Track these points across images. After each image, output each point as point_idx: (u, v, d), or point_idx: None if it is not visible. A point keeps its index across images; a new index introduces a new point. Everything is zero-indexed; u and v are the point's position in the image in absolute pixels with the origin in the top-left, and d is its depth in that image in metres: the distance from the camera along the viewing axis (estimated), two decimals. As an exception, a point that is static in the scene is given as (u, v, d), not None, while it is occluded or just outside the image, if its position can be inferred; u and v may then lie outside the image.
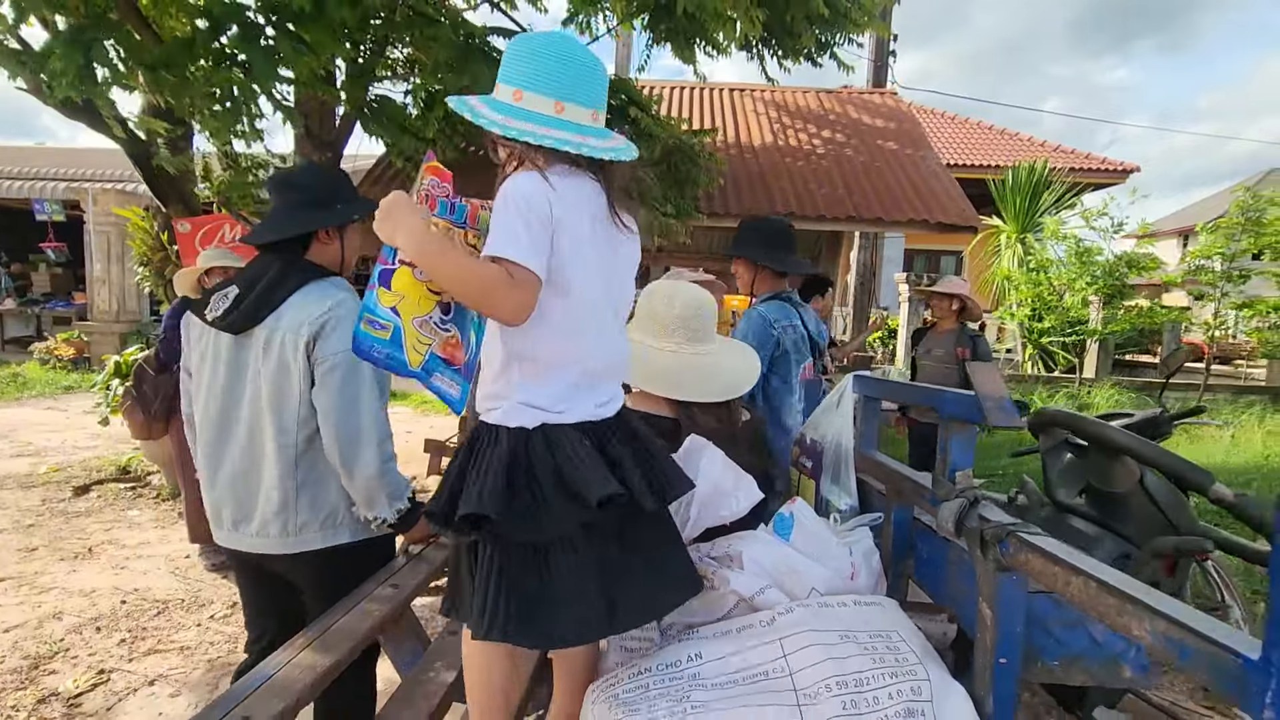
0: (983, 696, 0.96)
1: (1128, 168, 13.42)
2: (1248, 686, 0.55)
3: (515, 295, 0.98)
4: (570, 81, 1.05)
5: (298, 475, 1.58)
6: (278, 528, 1.59)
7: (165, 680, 2.75)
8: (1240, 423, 7.86)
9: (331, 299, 1.57)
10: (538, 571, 1.01)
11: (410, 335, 1.09)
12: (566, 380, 1.07)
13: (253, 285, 1.57)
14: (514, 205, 1.00)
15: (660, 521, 1.13)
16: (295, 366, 1.54)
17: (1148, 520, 1.57)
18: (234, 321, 1.55)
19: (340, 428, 1.55)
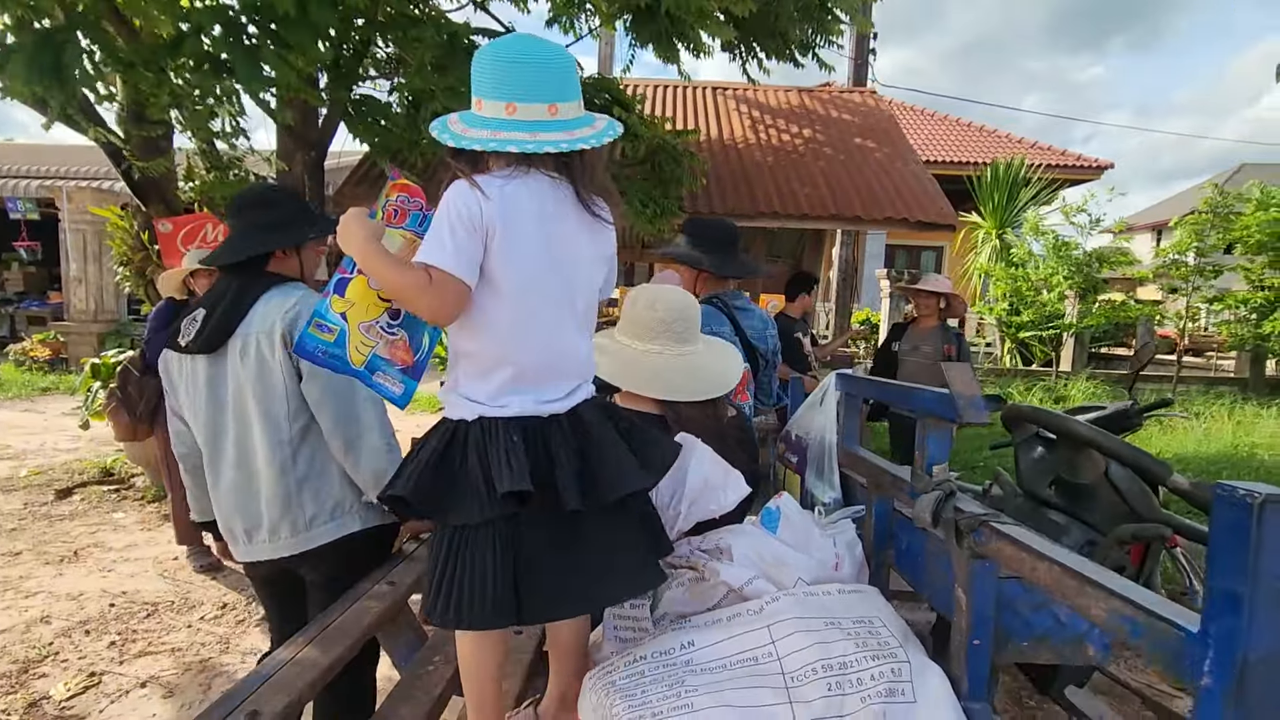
0: (959, 675, 1.02)
1: (1103, 164, 13.69)
2: (1188, 657, 0.61)
3: (433, 298, 1.04)
4: (519, 81, 1.07)
5: (297, 470, 1.61)
6: (287, 528, 1.62)
7: (157, 682, 2.76)
8: (1211, 414, 8.07)
9: (295, 295, 1.63)
10: (466, 555, 1.07)
11: (355, 337, 1.18)
12: (505, 377, 1.10)
13: (218, 302, 1.62)
14: (444, 212, 1.06)
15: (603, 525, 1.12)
16: (275, 363, 1.58)
17: (1112, 509, 1.66)
18: (207, 339, 1.60)
19: (338, 413, 1.60)
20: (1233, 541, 0.57)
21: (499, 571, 1.05)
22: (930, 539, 1.26)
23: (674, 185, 4.63)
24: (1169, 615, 0.65)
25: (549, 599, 1.10)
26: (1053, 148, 14.15)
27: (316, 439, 1.64)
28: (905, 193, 5.87)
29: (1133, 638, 0.68)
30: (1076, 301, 10.11)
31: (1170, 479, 1.36)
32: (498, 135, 1.06)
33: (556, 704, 1.29)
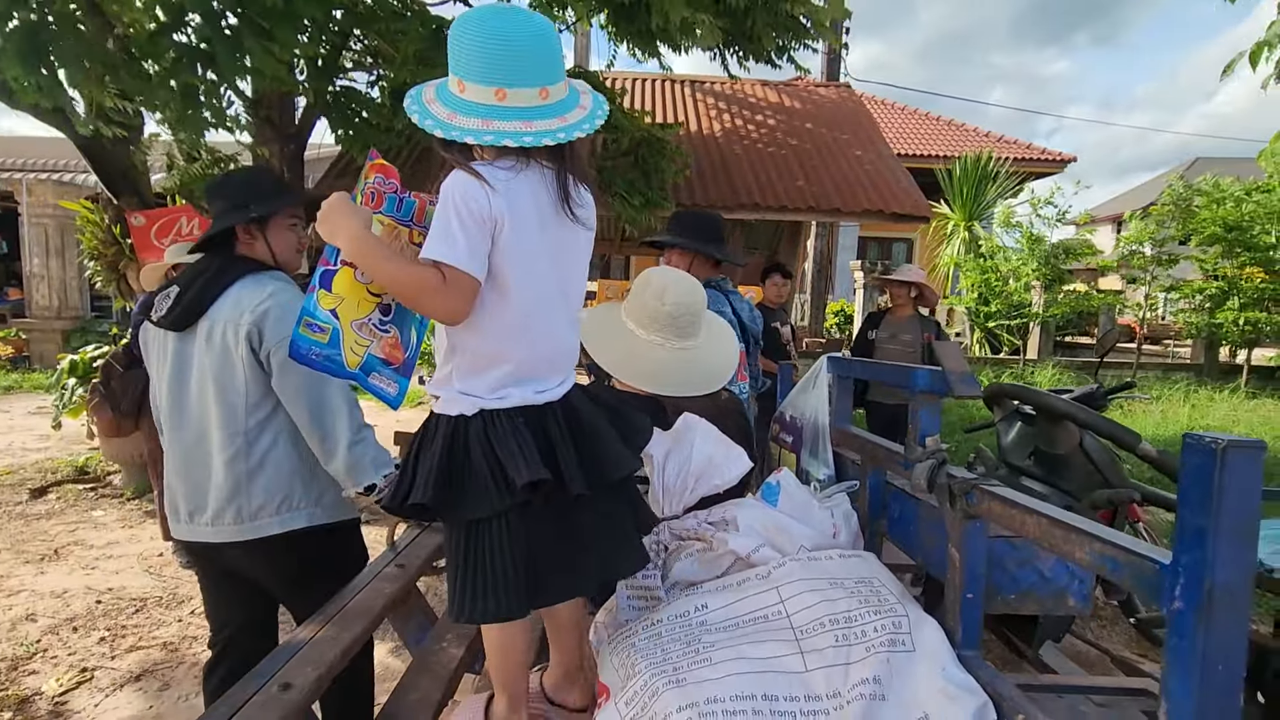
0: (953, 627, 1.12)
1: (1066, 158, 14.09)
2: (1161, 585, 0.70)
3: (448, 299, 1.00)
4: (509, 65, 1.00)
5: (249, 461, 1.62)
6: (232, 514, 1.62)
7: (152, 675, 2.76)
8: (1168, 397, 8.42)
9: (268, 288, 1.62)
10: (481, 550, 1.05)
11: (349, 337, 1.10)
12: (504, 372, 1.08)
13: (192, 283, 1.64)
14: (451, 206, 0.99)
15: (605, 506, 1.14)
16: (237, 355, 1.59)
17: (1087, 477, 1.79)
18: (177, 319, 1.61)
19: (313, 406, 1.60)
20: (1199, 483, 0.66)
21: (515, 561, 1.05)
22: (922, 506, 1.35)
23: (657, 176, 4.70)
24: (1144, 552, 0.74)
25: (563, 582, 1.12)
26: (1018, 141, 14.51)
27: (274, 433, 1.64)
28: (880, 185, 6.02)
29: (1112, 571, 0.77)
30: (1042, 292, 10.44)
31: (1140, 447, 1.48)
32: (490, 125, 0.99)
33: (560, 678, 1.34)
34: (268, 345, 1.59)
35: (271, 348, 1.59)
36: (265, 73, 3.35)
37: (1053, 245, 10.37)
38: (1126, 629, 3.24)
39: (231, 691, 1.23)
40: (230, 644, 1.79)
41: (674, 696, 1.03)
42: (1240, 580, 0.64)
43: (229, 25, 3.26)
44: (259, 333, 1.58)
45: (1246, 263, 9.62)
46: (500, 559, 1.05)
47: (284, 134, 4.56)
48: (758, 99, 7.84)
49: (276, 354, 1.59)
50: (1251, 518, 0.64)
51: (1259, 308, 9.41)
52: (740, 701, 1.01)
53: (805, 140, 6.86)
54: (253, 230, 1.70)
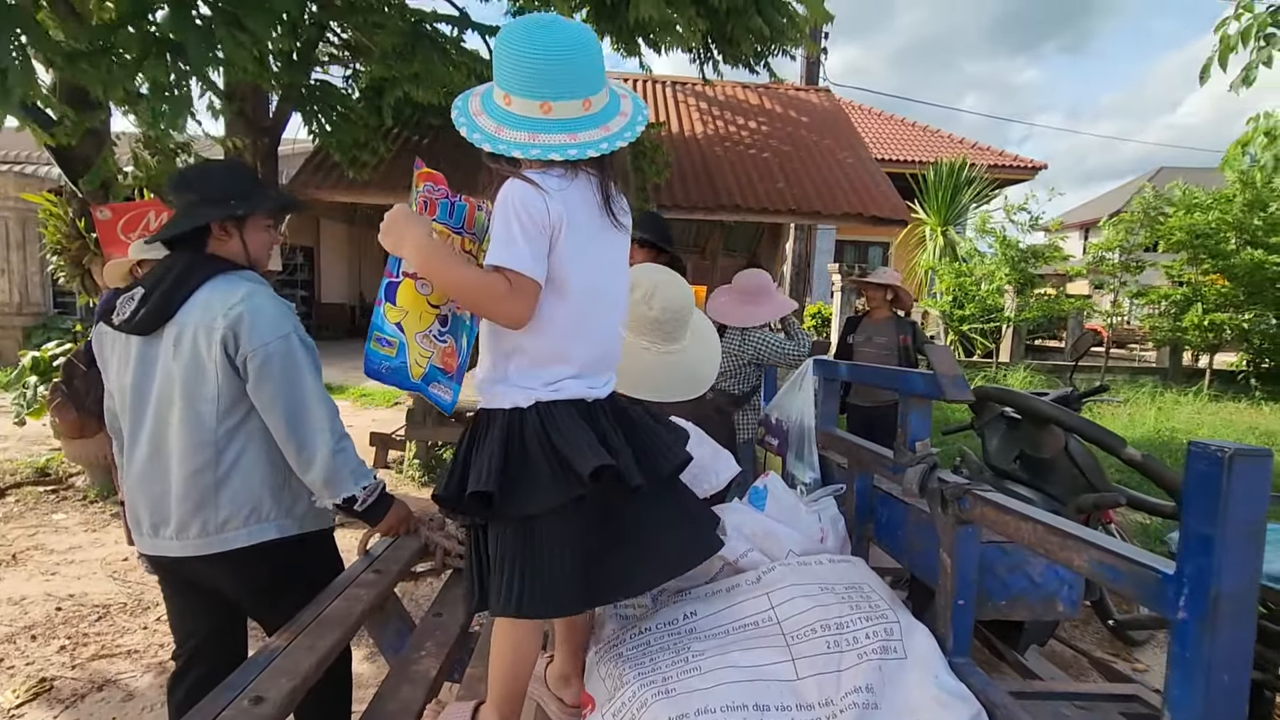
0: (944, 633, 1.11)
1: (1037, 165, 14.36)
2: (1165, 595, 0.69)
3: (515, 304, 1.03)
4: (552, 77, 1.03)
5: (218, 471, 1.55)
6: (197, 527, 1.55)
7: (115, 685, 2.67)
8: (1135, 401, 8.62)
9: (241, 289, 1.55)
10: (538, 546, 1.05)
11: (414, 350, 1.14)
12: (563, 373, 1.11)
13: (158, 284, 1.55)
14: (512, 212, 1.02)
15: (657, 501, 1.14)
16: (210, 361, 1.52)
17: (1072, 481, 1.80)
18: (141, 322, 1.53)
19: (290, 415, 1.54)
20: (1205, 490, 0.65)
21: (574, 558, 1.05)
22: (911, 510, 1.34)
23: (638, 177, 4.69)
24: (1146, 561, 0.73)
25: (622, 577, 1.10)
26: (991, 148, 14.77)
27: (244, 441, 1.58)
28: (860, 188, 6.06)
29: (1111, 580, 0.76)
30: (1015, 296, 10.63)
31: (1124, 451, 1.50)
32: (537, 139, 1.03)
33: (558, 675, 1.32)
34: (244, 350, 1.51)
35: (248, 353, 1.51)
36: (237, 65, 3.26)
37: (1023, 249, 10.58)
38: (1100, 628, 3.29)
39: (201, 705, 1.18)
40: (196, 655, 1.71)
41: (663, 708, 1.00)
42: (1246, 589, 0.64)
43: (200, 15, 3.17)
44: (234, 337, 1.51)
45: (1210, 270, 9.90)
46: (559, 555, 1.05)
47: (258, 127, 4.44)
48: (739, 101, 7.86)
49: (253, 360, 1.51)
50: (1259, 527, 0.63)
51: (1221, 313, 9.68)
52: (731, 712, 0.99)
53: (785, 143, 6.88)
54: (229, 227, 1.61)
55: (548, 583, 1.04)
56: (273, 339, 1.52)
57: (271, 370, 1.52)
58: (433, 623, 1.79)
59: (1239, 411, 8.49)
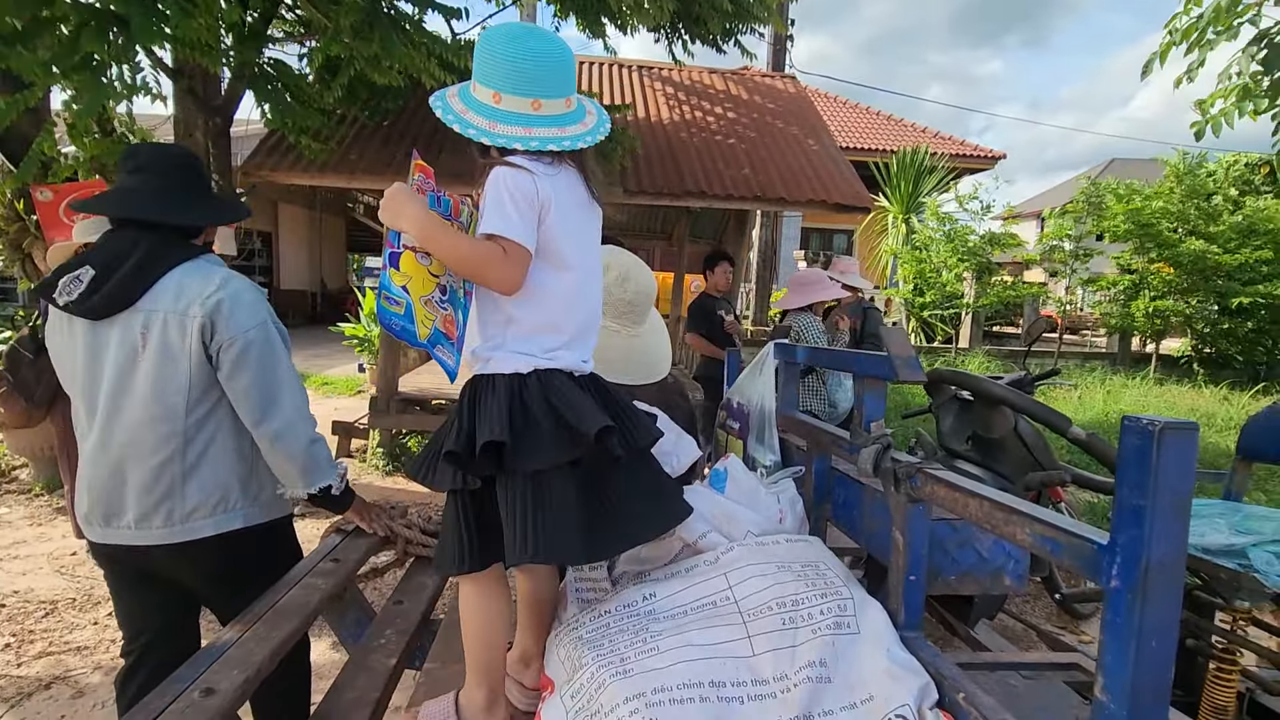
0: (895, 609, 1.13)
1: (996, 155, 14.68)
2: (1099, 565, 0.72)
3: (508, 269, 1.11)
4: (542, 78, 1.15)
5: (185, 461, 1.51)
6: (161, 518, 1.51)
7: (64, 683, 2.59)
8: (1085, 384, 8.93)
9: (217, 276, 1.51)
10: (550, 497, 1.12)
11: (419, 311, 1.20)
12: (558, 341, 1.19)
13: (115, 265, 1.46)
14: (504, 188, 1.11)
15: (634, 470, 1.21)
16: (184, 350, 1.47)
17: (1020, 460, 1.86)
18: (95, 305, 1.45)
19: (266, 405, 1.51)
20: (1137, 463, 0.68)
21: (577, 510, 1.12)
22: (866, 491, 1.37)
23: (604, 161, 4.65)
24: (1082, 532, 0.76)
25: (614, 534, 1.17)
26: (953, 137, 15.03)
27: (213, 430, 1.54)
28: (824, 175, 6.11)
29: (1053, 553, 0.79)
30: (973, 282, 10.89)
31: (1070, 430, 1.55)
32: (533, 133, 1.13)
33: (519, 661, 1.32)
34: (220, 339, 1.48)
35: (224, 342, 1.48)
36: (185, 40, 3.13)
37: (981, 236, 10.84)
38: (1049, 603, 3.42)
39: (149, 698, 1.15)
40: (148, 650, 1.66)
41: (620, 688, 1.01)
42: (1175, 558, 0.66)
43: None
44: (211, 325, 1.47)
45: (1156, 258, 10.27)
46: (568, 506, 1.12)
47: (209, 106, 4.27)
48: (705, 86, 7.83)
49: (230, 349, 1.48)
50: (1186, 498, 0.66)
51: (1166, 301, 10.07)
52: (687, 689, 1.00)
53: (751, 129, 6.89)
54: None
55: (561, 530, 1.11)
56: (251, 327, 1.50)
57: (249, 359, 1.49)
58: (393, 611, 1.77)
59: (1182, 394, 8.86)
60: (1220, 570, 1.52)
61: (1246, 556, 1.51)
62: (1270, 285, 9.65)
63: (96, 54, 3.05)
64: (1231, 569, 1.50)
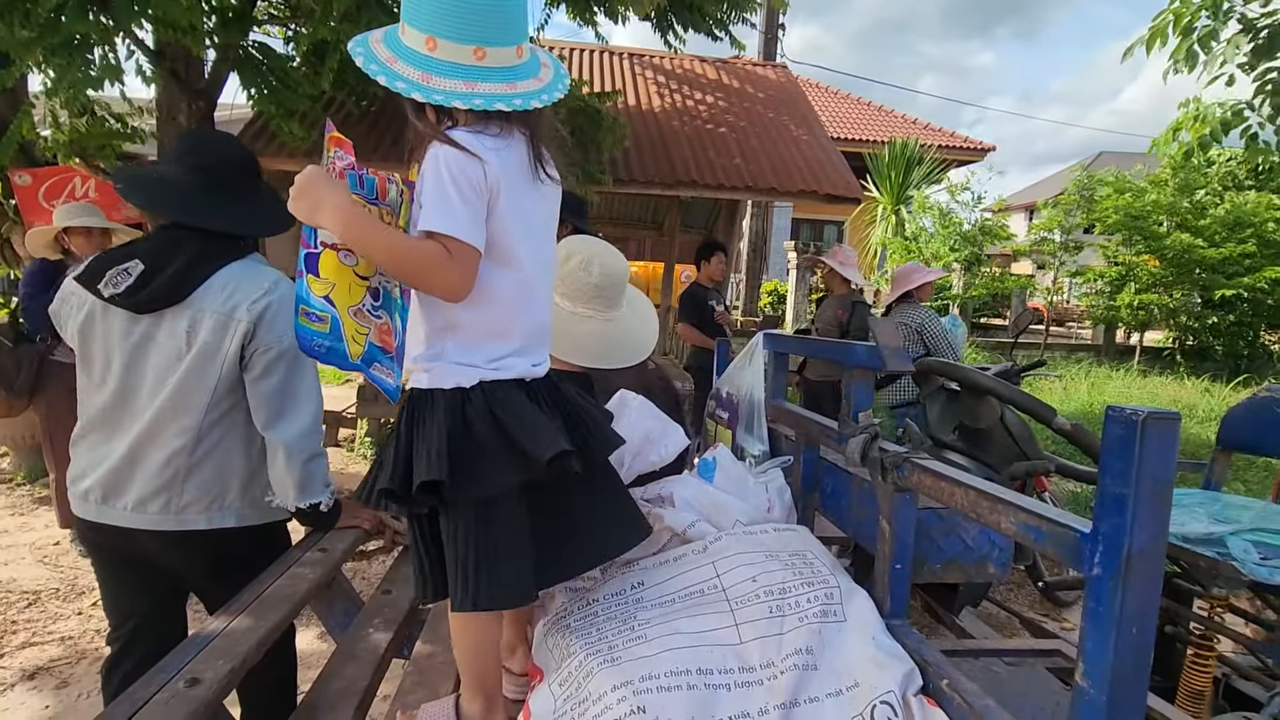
0: (881, 597, 1.15)
1: (986, 147, 14.71)
2: (1081, 552, 0.73)
3: (454, 272, 0.94)
4: (488, 19, 0.94)
5: (192, 457, 1.51)
6: (158, 505, 1.51)
7: (48, 673, 2.57)
8: (1070, 375, 9.02)
9: (266, 279, 1.52)
10: (495, 534, 1.01)
11: (348, 325, 1.02)
12: (507, 348, 1.05)
13: (166, 261, 1.47)
14: (446, 173, 0.93)
15: (591, 483, 1.12)
16: (223, 352, 1.48)
17: (1006, 450, 1.88)
18: (143, 300, 1.45)
19: (285, 411, 1.53)
20: (1120, 452, 0.68)
21: (526, 540, 1.02)
22: (854, 480, 1.38)
23: (595, 150, 4.61)
24: (1065, 521, 0.77)
25: (568, 558, 1.09)
26: (943, 129, 15.04)
27: (224, 431, 1.55)
28: (815, 166, 6.10)
29: (1036, 541, 0.80)
30: (963, 273, 10.95)
31: (1055, 421, 1.57)
32: (478, 88, 0.94)
33: (505, 647, 1.31)
34: (259, 344, 1.49)
35: (262, 346, 1.49)
36: (167, 21, 3.07)
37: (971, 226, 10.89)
38: (1032, 591, 3.47)
39: (134, 688, 1.14)
40: (134, 638, 1.65)
41: (608, 675, 1.01)
42: (1156, 546, 0.67)
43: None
44: (254, 331, 1.48)
45: (1143, 251, 10.36)
46: (515, 538, 1.02)
47: (192, 90, 4.20)
48: (696, 75, 7.79)
49: (265, 354, 1.50)
50: (1168, 487, 0.66)
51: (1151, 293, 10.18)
52: (675, 677, 1.00)
53: (743, 119, 6.86)
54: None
55: (505, 572, 1.00)
56: (290, 336, 1.50)
57: (279, 366, 1.51)
58: (381, 600, 1.77)
59: (1164, 385, 8.97)
60: (1199, 558, 1.55)
61: (1225, 545, 1.54)
62: (1253, 278, 9.76)
63: (79, 33, 2.99)
64: (1210, 557, 1.53)
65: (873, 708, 0.95)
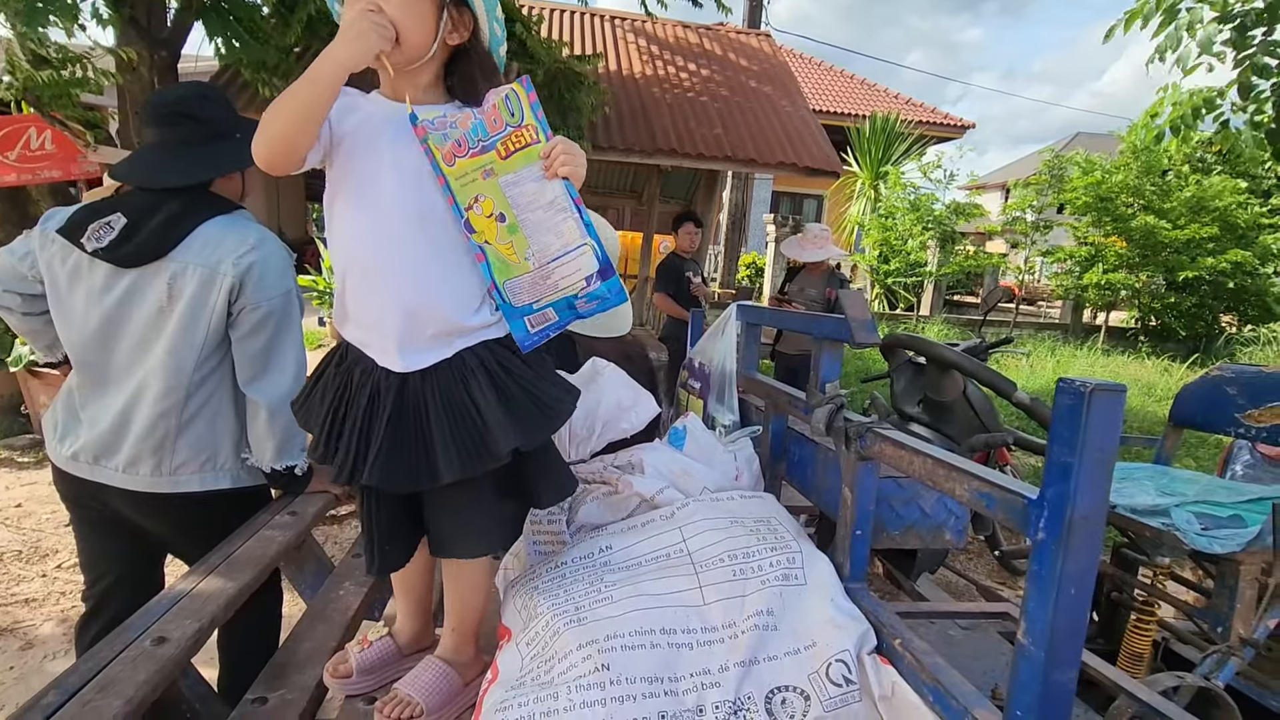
0: (842, 562, 1.18)
1: (966, 124, 14.76)
2: (1028, 517, 0.76)
3: None
4: None
5: (183, 414, 1.50)
6: (149, 466, 1.50)
7: (12, 634, 2.54)
8: (1037, 353, 9.24)
9: (252, 235, 1.49)
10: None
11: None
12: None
13: (147, 216, 1.45)
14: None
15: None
16: (209, 306, 1.46)
17: (968, 423, 1.93)
18: (128, 254, 1.43)
19: (269, 369, 1.53)
20: (1068, 422, 0.71)
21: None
22: (819, 449, 1.41)
23: (575, 114, 4.53)
24: (1014, 488, 0.80)
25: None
26: (925, 105, 15.04)
27: (213, 387, 1.54)
28: (795, 138, 6.08)
29: (988, 507, 0.83)
30: (937, 251, 11.06)
31: (1015, 395, 1.61)
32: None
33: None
34: (245, 301, 1.47)
35: (248, 304, 1.47)
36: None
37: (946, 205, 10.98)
38: (990, 561, 3.60)
39: (99, 646, 1.14)
40: (108, 596, 1.64)
41: (574, 635, 1.04)
42: (1097, 512, 0.70)
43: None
44: (240, 287, 1.46)
45: (1110, 232, 10.55)
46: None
47: (154, 39, 4.02)
48: (679, 41, 7.66)
49: (253, 313, 1.48)
50: (1111, 455, 0.69)
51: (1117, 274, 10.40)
52: (639, 636, 1.03)
53: (725, 88, 6.79)
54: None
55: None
56: (277, 294, 1.50)
57: (267, 326, 1.50)
58: (351, 563, 1.77)
59: (1126, 365, 9.23)
60: (1145, 528, 1.62)
61: (1169, 516, 1.61)
62: (1215, 260, 10.01)
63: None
64: (1155, 527, 1.60)
65: (828, 665, 0.99)
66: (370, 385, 1.06)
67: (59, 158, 4.45)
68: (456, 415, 1.03)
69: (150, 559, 1.72)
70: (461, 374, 1.06)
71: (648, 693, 0.95)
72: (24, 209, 4.42)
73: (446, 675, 1.18)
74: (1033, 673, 0.76)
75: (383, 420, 1.03)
